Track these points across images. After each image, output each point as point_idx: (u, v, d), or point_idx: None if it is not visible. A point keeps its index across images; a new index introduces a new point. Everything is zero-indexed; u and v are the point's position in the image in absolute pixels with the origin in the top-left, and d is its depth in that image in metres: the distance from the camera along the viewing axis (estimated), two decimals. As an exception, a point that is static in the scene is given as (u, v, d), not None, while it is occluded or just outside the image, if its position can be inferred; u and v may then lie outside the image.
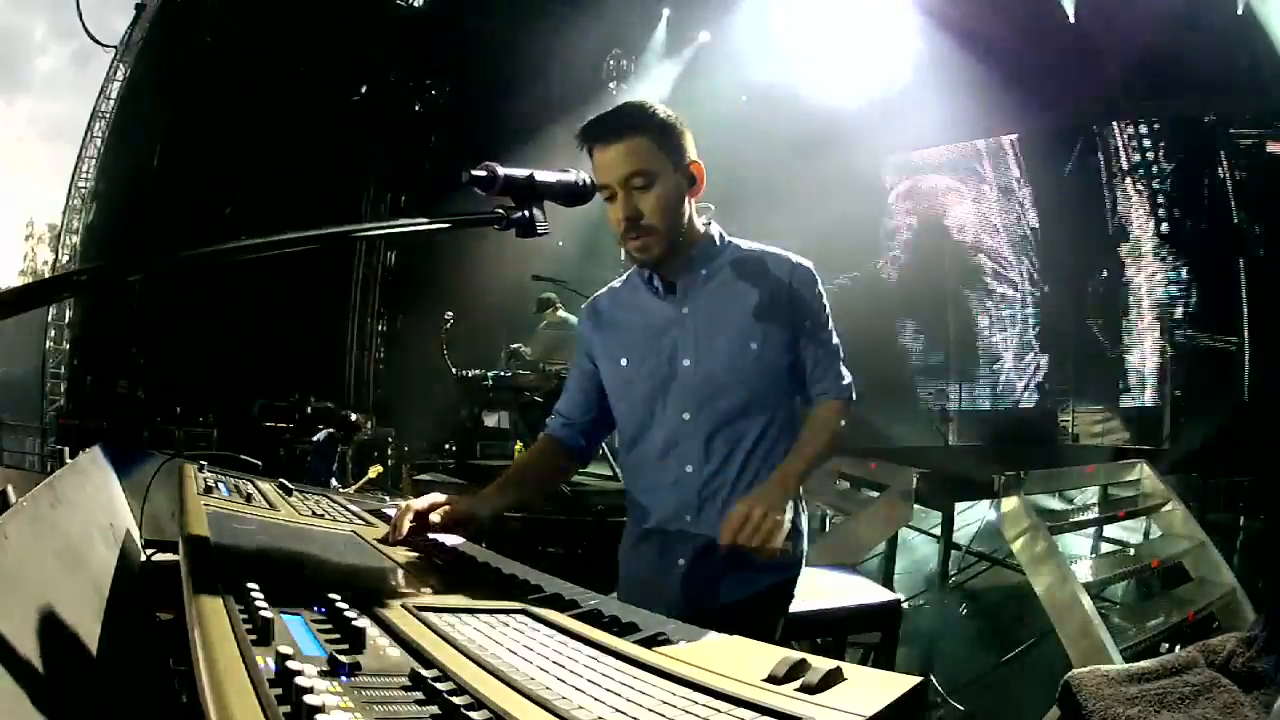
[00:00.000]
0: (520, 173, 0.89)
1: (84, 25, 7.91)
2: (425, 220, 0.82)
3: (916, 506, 2.93)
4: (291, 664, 0.49)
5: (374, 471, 3.05)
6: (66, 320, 8.49)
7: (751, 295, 1.42)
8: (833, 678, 0.58)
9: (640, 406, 1.45)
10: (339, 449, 6.22)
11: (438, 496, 1.25)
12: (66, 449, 5.44)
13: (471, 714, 0.48)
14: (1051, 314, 8.28)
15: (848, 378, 1.49)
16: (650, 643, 0.71)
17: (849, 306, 3.60)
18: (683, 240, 1.40)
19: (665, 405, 1.42)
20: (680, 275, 1.43)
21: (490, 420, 6.52)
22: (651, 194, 1.34)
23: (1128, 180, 7.72)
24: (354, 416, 6.61)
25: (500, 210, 0.88)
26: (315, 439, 6.42)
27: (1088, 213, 7.88)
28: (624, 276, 1.55)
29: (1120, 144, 7.72)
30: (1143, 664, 0.87)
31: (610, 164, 1.33)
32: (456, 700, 0.50)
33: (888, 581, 2.92)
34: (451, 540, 1.17)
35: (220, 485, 1.26)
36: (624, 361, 1.46)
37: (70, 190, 8.42)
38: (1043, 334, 8.34)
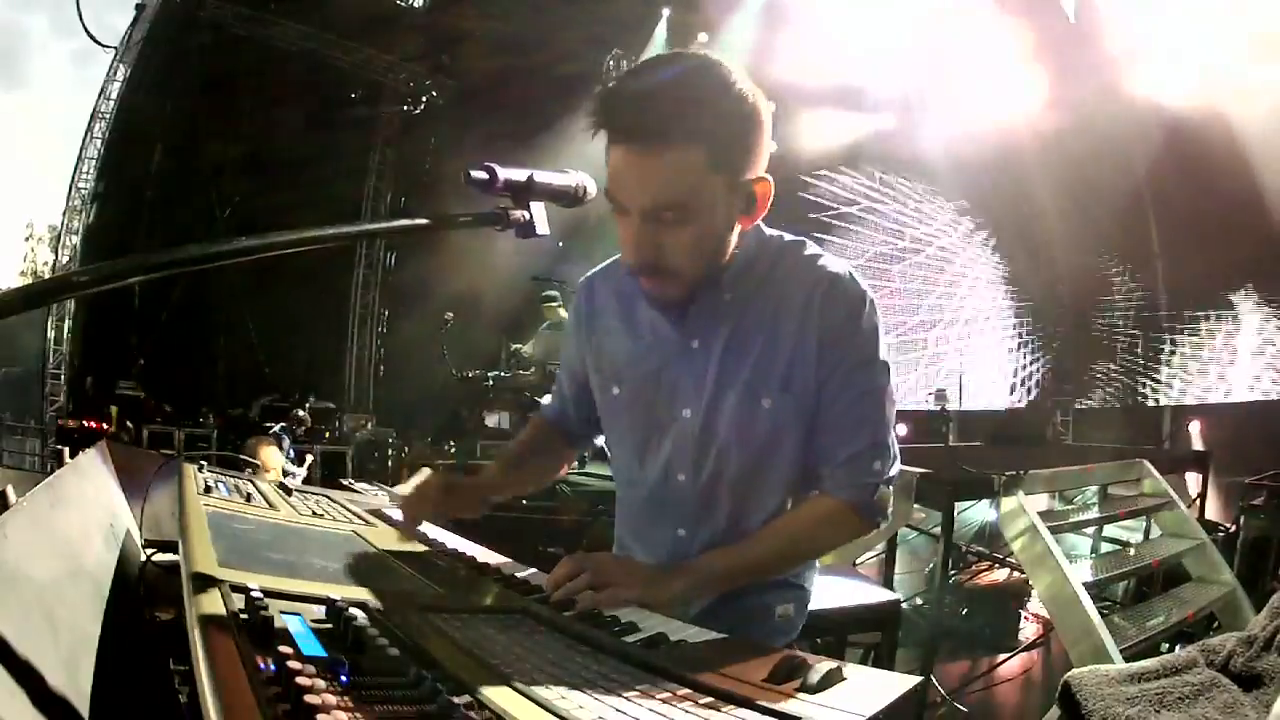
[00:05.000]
0: (519, 174, 0.89)
1: (84, 25, 7.93)
2: (425, 220, 0.82)
3: (916, 506, 2.92)
4: (291, 664, 0.49)
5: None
6: (66, 320, 8.50)
7: (773, 326, 1.04)
8: (833, 678, 0.58)
9: (629, 452, 1.17)
10: (288, 442, 6.51)
11: (431, 486, 1.17)
12: (66, 449, 5.44)
13: (471, 714, 0.48)
14: (1052, 312, 8.28)
15: (879, 473, 1.05)
16: (650, 643, 0.71)
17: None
18: (714, 270, 1.03)
19: (657, 458, 1.12)
20: (695, 296, 1.06)
21: (490, 420, 6.52)
22: (685, 231, 0.95)
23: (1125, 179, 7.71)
24: (300, 412, 7.08)
25: (499, 210, 0.88)
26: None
27: (1083, 212, 7.89)
28: None
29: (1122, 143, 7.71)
30: (1143, 664, 0.86)
31: (633, 180, 0.93)
32: (456, 700, 0.50)
33: (888, 581, 2.92)
34: (452, 540, 1.17)
35: (220, 485, 1.26)
36: (615, 390, 1.16)
37: (70, 191, 8.43)
38: (1043, 333, 8.34)
